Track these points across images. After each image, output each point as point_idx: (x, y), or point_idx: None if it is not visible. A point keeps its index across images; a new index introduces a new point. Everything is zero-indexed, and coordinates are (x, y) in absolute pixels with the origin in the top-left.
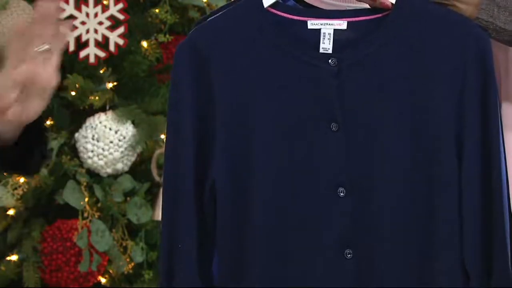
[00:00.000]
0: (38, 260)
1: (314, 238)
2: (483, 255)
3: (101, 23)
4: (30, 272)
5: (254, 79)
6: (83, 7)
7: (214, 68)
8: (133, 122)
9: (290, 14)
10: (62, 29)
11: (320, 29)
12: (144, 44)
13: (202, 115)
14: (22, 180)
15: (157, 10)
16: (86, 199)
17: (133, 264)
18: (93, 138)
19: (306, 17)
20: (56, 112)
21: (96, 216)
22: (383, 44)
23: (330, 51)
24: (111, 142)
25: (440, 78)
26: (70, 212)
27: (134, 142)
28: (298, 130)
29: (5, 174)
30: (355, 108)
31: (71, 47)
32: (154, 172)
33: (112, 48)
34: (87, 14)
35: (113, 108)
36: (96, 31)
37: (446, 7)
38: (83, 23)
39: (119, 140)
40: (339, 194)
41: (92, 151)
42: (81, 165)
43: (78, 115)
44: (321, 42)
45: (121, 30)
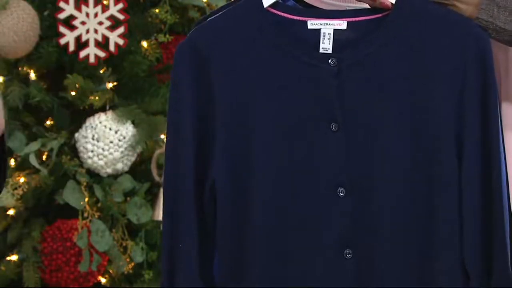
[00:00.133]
0: (38, 260)
1: (314, 238)
2: (483, 255)
3: (101, 23)
4: (30, 272)
5: (254, 79)
6: (83, 7)
7: (214, 68)
8: (133, 122)
9: (290, 14)
10: None
11: (320, 29)
12: (144, 44)
13: (202, 115)
14: (22, 180)
15: (157, 10)
16: (86, 199)
17: (133, 264)
18: (93, 138)
19: (306, 17)
20: (56, 112)
21: (96, 216)
22: (383, 44)
23: (330, 51)
24: (111, 142)
25: (440, 78)
26: (70, 212)
27: (134, 142)
28: (298, 130)
29: None
30: (355, 108)
31: (71, 47)
32: (154, 172)
33: (112, 48)
34: (87, 14)
35: (113, 108)
36: (96, 31)
37: (446, 7)
38: (83, 23)
39: (119, 140)
40: (339, 194)
41: (92, 151)
42: (81, 165)
43: (78, 115)
44: (321, 42)
45: (121, 30)
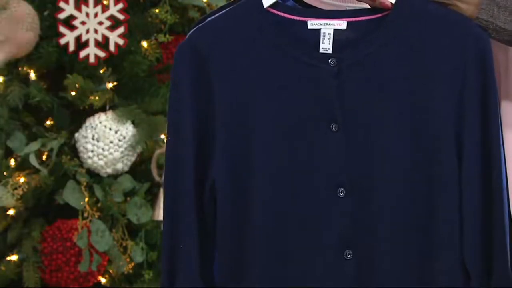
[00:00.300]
0: (38, 260)
1: (314, 238)
2: (483, 255)
3: (101, 23)
4: (30, 272)
5: (254, 79)
6: (83, 7)
7: (214, 68)
8: (133, 122)
9: (290, 14)
10: None
11: (320, 29)
12: (144, 44)
13: (202, 115)
14: (22, 180)
15: (157, 10)
16: (86, 199)
17: (133, 264)
18: (93, 138)
19: (306, 17)
20: (56, 112)
21: (96, 216)
22: (383, 44)
23: (330, 51)
24: (111, 142)
25: (440, 78)
26: (70, 212)
27: (134, 142)
28: (298, 130)
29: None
30: (355, 108)
31: (71, 47)
32: (154, 172)
33: (112, 48)
34: (87, 14)
35: (113, 108)
36: (96, 31)
37: (446, 7)
38: (83, 23)
39: (119, 140)
40: (339, 194)
41: (92, 151)
42: (81, 165)
43: (78, 115)
44: (321, 42)
45: (121, 30)
